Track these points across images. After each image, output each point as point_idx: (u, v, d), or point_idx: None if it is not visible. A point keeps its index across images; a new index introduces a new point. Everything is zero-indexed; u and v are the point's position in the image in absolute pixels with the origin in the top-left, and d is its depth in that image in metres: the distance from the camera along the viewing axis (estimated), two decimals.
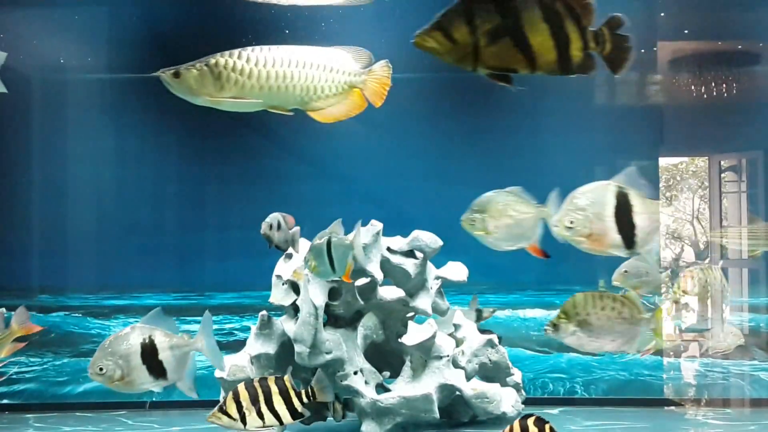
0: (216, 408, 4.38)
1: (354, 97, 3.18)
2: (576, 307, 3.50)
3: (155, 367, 3.60)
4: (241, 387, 4.31)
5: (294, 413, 4.28)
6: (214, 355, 3.84)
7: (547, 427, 3.72)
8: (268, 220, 4.66)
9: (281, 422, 4.30)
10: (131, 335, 3.62)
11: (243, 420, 4.25)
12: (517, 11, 2.24)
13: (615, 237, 3.16)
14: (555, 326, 3.50)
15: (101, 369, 3.57)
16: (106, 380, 3.60)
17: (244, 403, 4.28)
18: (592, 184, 3.27)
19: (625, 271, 5.01)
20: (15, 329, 4.40)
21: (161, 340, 3.63)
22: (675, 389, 7.24)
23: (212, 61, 3.03)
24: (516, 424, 3.75)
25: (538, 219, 3.58)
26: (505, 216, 3.64)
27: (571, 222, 3.17)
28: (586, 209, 3.18)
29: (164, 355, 3.61)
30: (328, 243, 4.21)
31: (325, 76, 3.08)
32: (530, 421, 3.70)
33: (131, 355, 3.56)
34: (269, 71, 3.01)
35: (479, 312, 6.14)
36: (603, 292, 3.55)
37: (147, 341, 3.60)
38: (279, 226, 4.66)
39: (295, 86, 3.05)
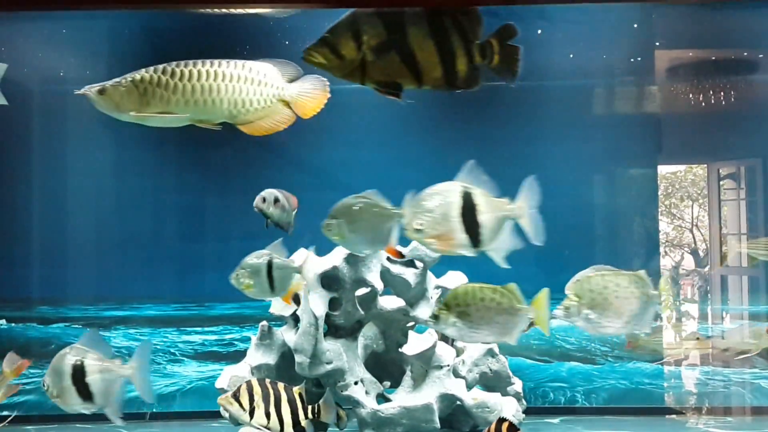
0: (230, 393, 4.40)
1: (282, 111, 3.18)
2: (456, 298, 3.56)
3: (83, 390, 3.60)
4: (254, 382, 4.34)
5: (297, 425, 4.31)
6: (144, 384, 3.78)
7: None
8: (262, 194, 4.59)
9: (282, 429, 4.34)
10: (67, 356, 3.62)
11: (251, 414, 4.29)
12: (404, 27, 2.23)
13: (462, 237, 3.21)
14: (436, 318, 3.55)
15: (44, 385, 3.62)
16: (49, 396, 3.65)
17: (255, 398, 4.33)
18: (439, 185, 3.29)
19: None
20: (7, 373, 4.39)
21: (91, 363, 3.62)
22: (676, 398, 7.23)
23: (137, 77, 3.03)
24: (492, 428, 3.81)
25: (394, 221, 3.60)
26: (361, 220, 3.68)
27: (420, 224, 3.19)
28: (434, 210, 3.23)
29: (92, 379, 3.60)
30: (269, 264, 4.18)
31: (252, 90, 3.08)
32: (504, 427, 3.75)
33: (64, 376, 3.58)
34: (194, 85, 3.01)
35: None
36: (484, 284, 3.60)
37: (78, 363, 3.60)
38: (276, 200, 4.58)
39: (221, 100, 3.05)
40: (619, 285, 3.66)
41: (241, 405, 4.35)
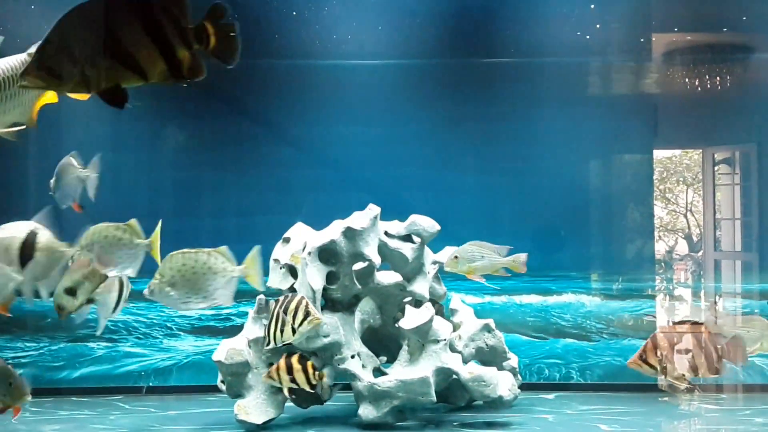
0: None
1: (36, 97, 3.20)
2: (86, 238, 3.83)
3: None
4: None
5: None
6: None
7: (308, 363, 4.39)
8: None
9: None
10: None
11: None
12: (115, 30, 2.16)
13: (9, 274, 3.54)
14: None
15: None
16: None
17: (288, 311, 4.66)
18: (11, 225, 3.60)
19: (456, 257, 5.09)
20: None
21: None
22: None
23: None
24: (282, 361, 4.34)
25: None
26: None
27: None
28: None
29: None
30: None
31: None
32: (294, 359, 4.40)
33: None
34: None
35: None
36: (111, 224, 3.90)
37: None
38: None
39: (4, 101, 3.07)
40: (197, 261, 3.83)
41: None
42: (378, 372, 5.53)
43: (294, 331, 4.44)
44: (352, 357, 5.40)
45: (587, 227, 7.34)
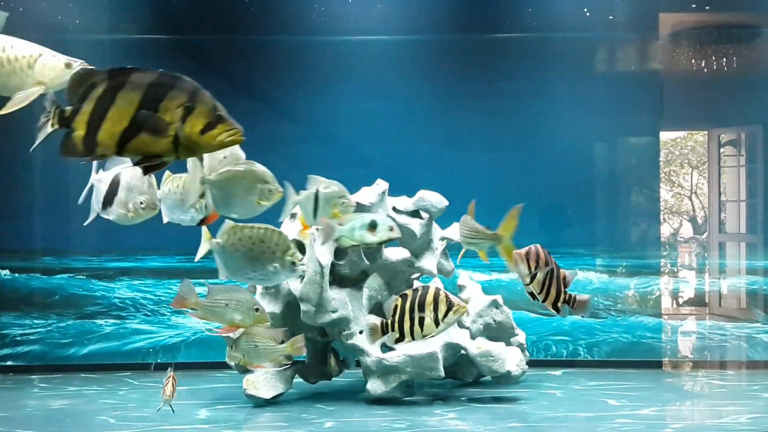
0: None
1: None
2: None
3: None
4: None
5: None
6: None
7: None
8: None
9: None
10: None
11: None
12: None
13: None
14: None
15: None
16: None
17: None
18: None
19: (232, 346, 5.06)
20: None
21: None
22: (676, 351, 7.31)
23: None
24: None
25: None
26: None
27: None
28: None
29: None
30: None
31: None
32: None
33: None
34: None
35: None
36: None
37: None
38: None
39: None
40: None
41: None
42: (386, 347, 5.53)
43: (437, 323, 4.15)
44: (360, 332, 5.40)
45: (594, 205, 7.33)
